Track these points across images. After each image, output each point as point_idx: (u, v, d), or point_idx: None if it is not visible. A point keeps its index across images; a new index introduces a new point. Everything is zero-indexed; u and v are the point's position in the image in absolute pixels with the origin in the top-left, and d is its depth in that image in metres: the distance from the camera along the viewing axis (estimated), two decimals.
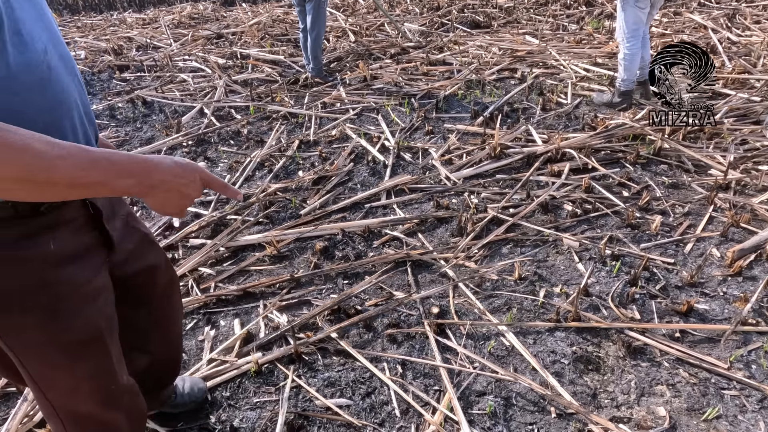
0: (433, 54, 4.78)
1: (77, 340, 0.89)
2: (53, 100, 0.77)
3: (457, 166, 2.84)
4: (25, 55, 0.71)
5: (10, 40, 0.68)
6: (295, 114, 3.60)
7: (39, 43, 0.74)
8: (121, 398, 1.00)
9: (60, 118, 0.78)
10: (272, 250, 2.17)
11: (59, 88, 0.78)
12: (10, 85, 0.69)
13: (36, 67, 0.73)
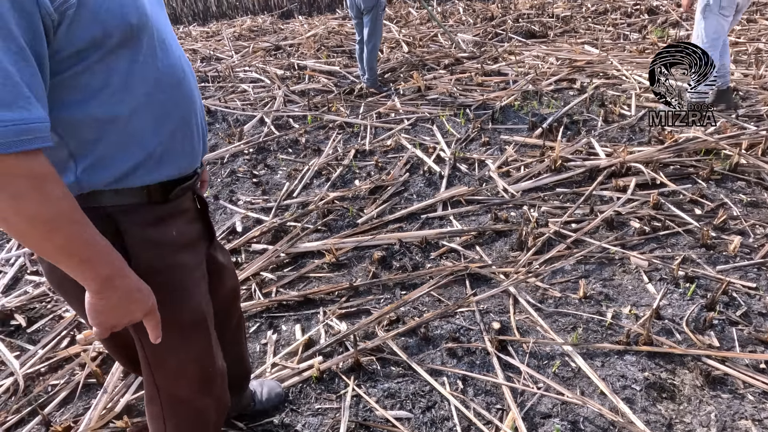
0: (488, 64, 4.74)
1: (190, 321, 0.95)
2: (187, 98, 0.87)
3: (515, 178, 2.79)
4: (170, 59, 0.82)
5: (159, 47, 0.80)
6: (350, 123, 3.66)
7: (176, 49, 0.85)
8: (215, 381, 1.05)
9: (190, 113, 0.88)
10: (331, 258, 2.20)
11: (189, 88, 0.88)
12: (160, 84, 0.80)
13: (176, 69, 0.84)
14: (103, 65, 0.73)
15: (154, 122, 0.82)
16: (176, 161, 0.88)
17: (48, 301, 2.06)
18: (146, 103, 0.80)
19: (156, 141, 0.83)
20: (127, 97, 0.77)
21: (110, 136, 0.78)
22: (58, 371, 1.72)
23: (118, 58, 0.74)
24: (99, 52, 0.72)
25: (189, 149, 0.90)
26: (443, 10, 7.32)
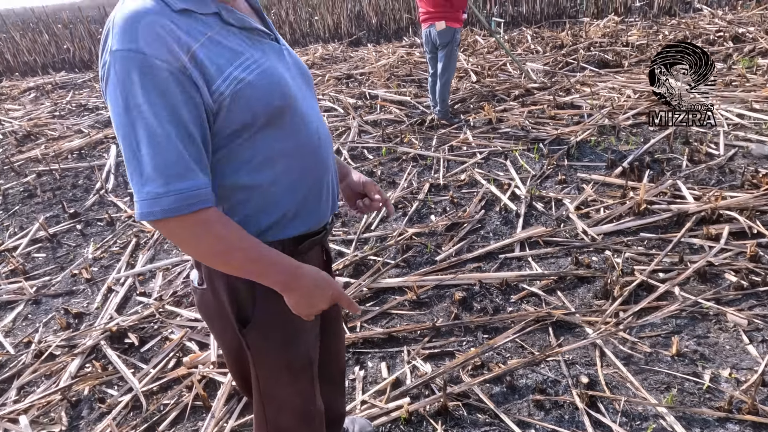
0: (560, 96, 4.70)
1: (299, 364, 1.05)
2: (320, 163, 0.97)
3: (594, 220, 2.74)
4: (308, 129, 0.93)
5: (299, 121, 0.90)
6: (424, 156, 3.75)
7: (315, 118, 0.95)
8: (314, 419, 1.13)
9: (322, 176, 0.98)
10: (412, 296, 2.27)
11: (323, 153, 0.98)
12: (297, 154, 0.91)
13: (312, 138, 0.94)
14: (251, 142, 0.85)
15: (291, 187, 0.92)
16: (307, 220, 0.98)
17: (155, 322, 2.27)
18: (285, 172, 0.90)
19: (291, 203, 0.93)
20: (270, 168, 0.88)
21: (254, 199, 0.89)
22: (168, 391, 1.89)
23: (264, 135, 0.86)
24: (249, 132, 0.84)
25: (319, 208, 1.00)
26: (511, 37, 7.33)
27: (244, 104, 0.80)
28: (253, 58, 0.83)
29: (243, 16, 0.85)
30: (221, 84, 0.78)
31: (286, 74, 0.89)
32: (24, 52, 10.51)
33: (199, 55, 0.76)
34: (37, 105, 6.64)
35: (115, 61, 0.72)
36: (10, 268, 2.85)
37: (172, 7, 0.76)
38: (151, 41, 0.71)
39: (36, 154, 4.60)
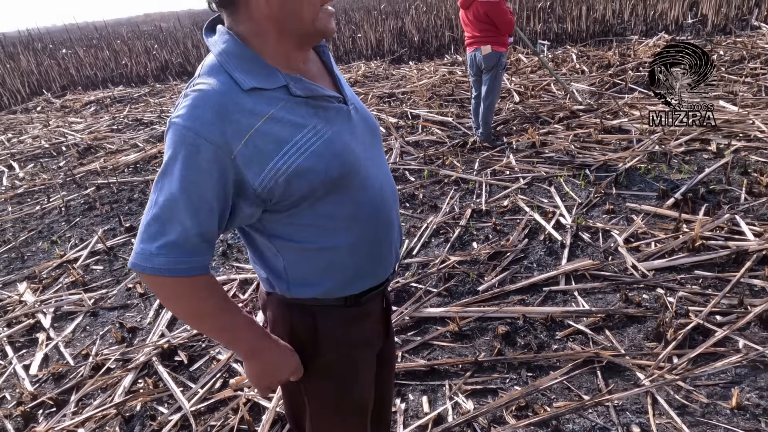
0: (607, 119, 4.59)
1: (353, 410, 1.06)
2: (382, 223, 0.97)
3: (645, 254, 2.64)
4: (370, 192, 0.93)
5: (360, 185, 0.91)
6: (466, 180, 3.74)
7: (377, 182, 0.95)
8: None
9: (384, 235, 0.99)
10: (454, 327, 2.25)
11: (386, 213, 0.98)
12: (358, 217, 0.92)
13: (375, 200, 0.94)
14: (310, 209, 0.87)
15: (351, 250, 0.93)
16: (369, 278, 0.99)
17: (203, 341, 2.35)
18: (345, 235, 0.91)
19: (352, 265, 0.94)
20: (330, 232, 0.90)
21: (315, 262, 0.91)
22: (215, 413, 1.95)
23: (324, 202, 0.87)
24: (308, 201, 0.86)
25: (381, 266, 1.01)
26: (555, 56, 7.23)
27: (302, 179, 0.82)
28: (315, 129, 0.84)
29: (310, 85, 0.86)
30: (279, 161, 0.80)
31: (350, 139, 0.89)
32: (86, 67, 11.23)
33: (257, 135, 0.78)
34: (97, 118, 7.06)
35: (172, 129, 0.77)
36: (71, 280, 3.03)
37: (242, 86, 0.78)
38: (209, 124, 0.75)
39: (96, 167, 4.89)
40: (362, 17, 12.90)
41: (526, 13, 10.17)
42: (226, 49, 0.81)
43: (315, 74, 0.91)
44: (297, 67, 0.87)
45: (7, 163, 5.46)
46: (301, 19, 0.80)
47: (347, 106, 0.92)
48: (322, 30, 0.83)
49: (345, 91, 0.94)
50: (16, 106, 9.22)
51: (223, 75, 0.79)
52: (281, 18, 0.80)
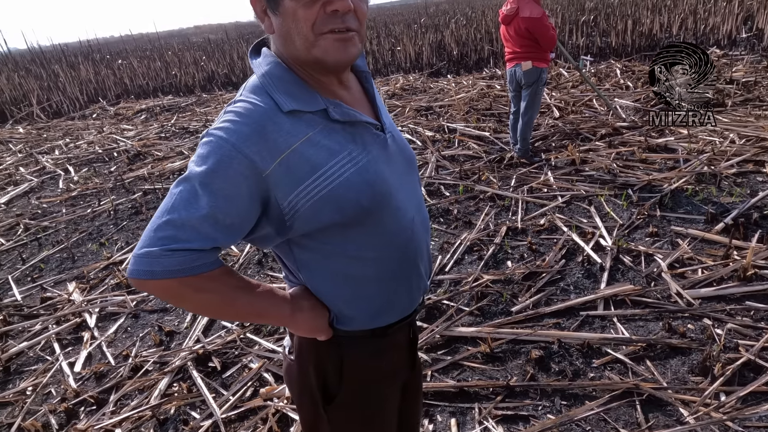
0: (652, 137, 4.42)
1: None
2: (412, 255, 0.95)
3: (691, 281, 2.51)
4: (401, 222, 0.91)
5: (392, 215, 0.89)
6: (502, 196, 3.68)
7: (409, 213, 0.93)
8: None
9: (414, 266, 0.97)
10: (486, 348, 2.21)
11: (417, 244, 0.96)
12: (388, 248, 0.90)
13: (405, 230, 0.92)
14: (340, 238, 0.86)
15: (379, 282, 0.92)
16: (396, 310, 0.97)
17: (236, 348, 2.40)
18: (374, 266, 0.90)
19: (380, 296, 0.93)
20: (359, 262, 0.88)
21: (343, 292, 0.90)
22: (244, 421, 1.98)
23: (354, 230, 0.86)
24: (337, 229, 0.84)
25: (409, 298, 0.99)
26: (598, 71, 7.06)
27: (332, 205, 0.81)
28: (350, 156, 0.82)
29: (349, 110, 0.85)
30: (311, 184, 0.79)
31: (384, 168, 0.88)
32: (139, 76, 11.86)
33: (291, 158, 0.77)
34: (146, 126, 7.43)
35: (208, 138, 0.76)
36: (116, 281, 3.17)
37: (282, 107, 0.78)
38: (246, 138, 0.74)
39: (143, 172, 5.13)
40: (402, 30, 13.04)
41: (568, 27, 10.00)
42: (270, 71, 0.82)
43: (354, 100, 0.90)
44: (331, 89, 0.86)
45: (63, 167, 5.81)
46: (295, 46, 0.79)
47: (384, 134, 0.91)
48: (321, 59, 0.79)
49: (383, 118, 0.94)
50: (74, 113, 9.82)
51: (264, 96, 0.79)
52: (284, 44, 0.81)
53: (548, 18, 3.83)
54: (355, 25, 0.79)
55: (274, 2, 0.78)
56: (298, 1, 0.75)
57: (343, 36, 0.78)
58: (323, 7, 0.76)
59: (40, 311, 2.98)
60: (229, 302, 0.82)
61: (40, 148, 6.92)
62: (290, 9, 0.76)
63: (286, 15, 0.77)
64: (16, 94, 11.09)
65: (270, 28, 0.81)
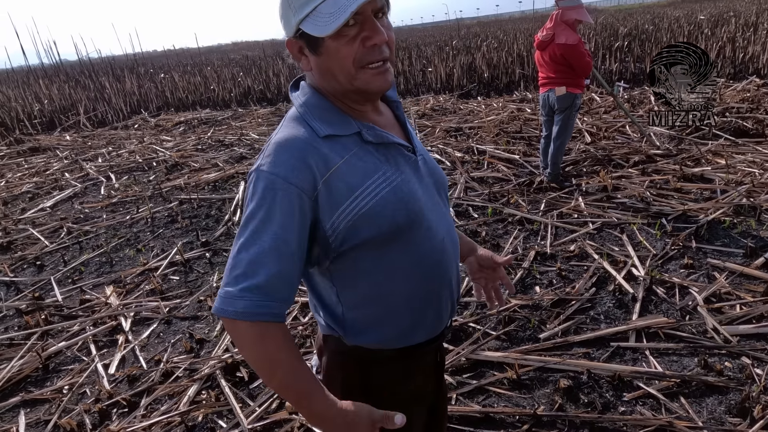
0: (688, 166, 4.33)
1: None
2: (441, 275, 0.97)
3: (729, 317, 2.43)
4: (432, 242, 0.93)
5: (424, 235, 0.92)
6: (530, 220, 3.66)
7: (439, 234, 0.95)
8: None
9: (443, 288, 0.98)
10: (512, 374, 2.18)
11: (446, 266, 0.98)
12: (418, 267, 0.92)
13: (436, 251, 0.94)
14: (373, 255, 0.88)
15: (409, 300, 0.93)
16: (425, 329, 0.98)
17: None
18: (404, 285, 0.92)
19: (409, 316, 0.94)
20: (390, 280, 0.91)
21: (372, 309, 0.92)
22: None
23: (387, 249, 0.89)
24: (371, 246, 0.87)
25: (438, 319, 1.00)
26: (632, 97, 6.98)
27: (369, 222, 0.84)
28: (385, 176, 0.86)
29: (382, 133, 0.89)
30: (349, 204, 0.83)
31: (417, 188, 0.91)
32: (180, 90, 12.35)
33: (332, 180, 0.82)
34: (184, 138, 7.72)
35: (259, 177, 0.81)
36: (151, 287, 3.28)
37: (318, 133, 0.84)
38: (291, 168, 0.80)
39: (180, 182, 5.32)
40: (434, 52, 13.23)
41: (602, 52, 9.95)
42: (306, 101, 0.88)
43: (386, 125, 0.95)
44: (366, 116, 0.91)
45: (106, 174, 6.08)
46: (337, 81, 0.85)
47: (416, 156, 0.95)
48: (363, 89, 0.85)
49: (415, 142, 0.98)
50: (117, 123, 10.29)
51: (302, 124, 0.85)
52: (323, 79, 0.87)
53: (584, 45, 3.84)
54: (388, 54, 0.85)
55: (314, 44, 0.83)
56: (339, 40, 0.80)
57: (381, 68, 0.84)
58: (362, 42, 0.81)
59: (79, 312, 3.11)
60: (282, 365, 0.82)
61: (85, 155, 7.27)
62: (332, 48, 0.81)
63: (328, 54, 0.82)
64: (65, 103, 11.73)
65: (307, 66, 0.87)
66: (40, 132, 9.94)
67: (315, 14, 0.79)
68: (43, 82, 14.84)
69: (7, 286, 3.56)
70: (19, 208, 5.21)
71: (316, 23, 0.79)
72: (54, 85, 14.01)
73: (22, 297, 3.37)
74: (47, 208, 5.10)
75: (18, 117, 10.49)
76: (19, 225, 4.68)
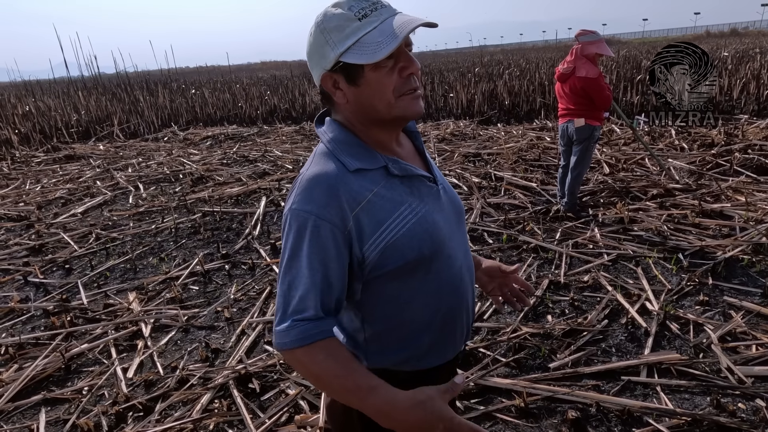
0: (707, 202, 4.30)
1: None
2: (459, 301, 1.02)
3: (744, 357, 2.40)
4: (452, 270, 0.98)
5: (444, 263, 0.96)
6: (545, 249, 3.68)
7: (458, 261, 1.00)
8: None
9: (460, 314, 1.03)
10: (520, 402, 2.19)
11: (463, 292, 1.03)
12: (438, 294, 0.97)
13: (455, 278, 0.99)
14: (397, 281, 0.92)
15: (428, 325, 0.98)
16: (442, 354, 1.03)
17: (276, 373, 2.51)
18: (425, 310, 0.97)
19: (427, 339, 0.99)
20: (411, 306, 0.94)
21: (393, 333, 0.97)
22: None
23: (410, 277, 0.93)
24: (396, 274, 0.92)
25: (454, 343, 1.05)
26: (652, 130, 6.98)
27: (396, 253, 0.89)
28: (411, 207, 0.91)
29: (406, 166, 0.94)
30: (378, 236, 0.87)
31: (440, 218, 0.96)
32: (209, 106, 12.79)
33: (362, 213, 0.86)
34: (211, 152, 7.97)
35: (293, 216, 0.86)
36: (171, 296, 3.39)
37: (348, 168, 0.87)
38: (325, 204, 0.84)
39: (204, 195, 5.50)
40: (456, 78, 13.44)
41: (623, 84, 9.99)
42: (334, 137, 0.92)
43: (407, 156, 1.00)
44: (390, 148, 0.95)
45: (134, 184, 6.32)
46: (376, 110, 0.89)
47: (437, 186, 0.99)
48: (401, 116, 0.89)
49: (435, 172, 1.04)
50: (148, 135, 10.70)
51: (332, 159, 0.89)
52: (358, 109, 0.90)
53: (604, 78, 3.91)
54: (418, 83, 0.92)
55: (353, 76, 0.86)
56: (379, 72, 0.85)
57: (415, 95, 0.90)
58: (399, 72, 0.87)
59: (102, 316, 3.23)
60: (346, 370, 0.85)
61: (116, 164, 7.57)
62: (373, 79, 0.86)
63: (368, 84, 0.87)
64: (101, 114, 12.27)
65: (342, 99, 0.90)
66: (76, 141, 10.40)
67: (359, 45, 0.83)
68: (82, 93, 15.55)
69: (37, 287, 3.72)
70: (52, 212, 5.45)
71: (363, 52, 0.83)
72: (92, 96, 14.66)
73: (50, 298, 3.52)
74: (78, 214, 5.33)
75: (56, 126, 11.01)
76: (51, 229, 4.90)
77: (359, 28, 0.83)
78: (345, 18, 0.84)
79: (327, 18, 0.86)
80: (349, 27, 0.84)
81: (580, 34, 3.91)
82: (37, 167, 7.89)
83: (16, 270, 3.98)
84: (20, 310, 3.37)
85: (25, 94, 17.39)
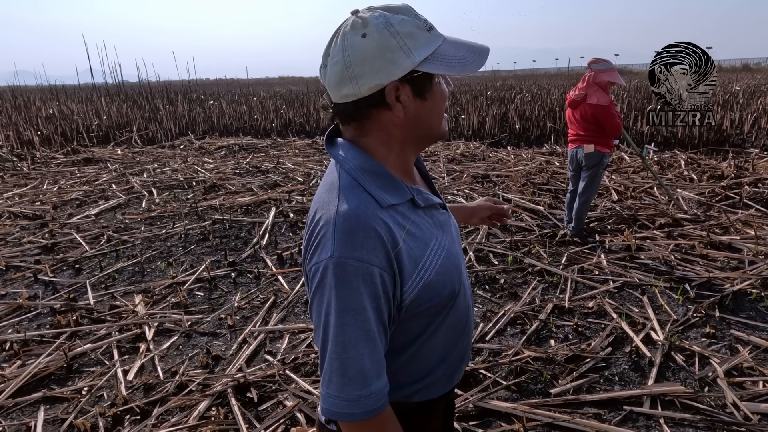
0: (716, 233, 4.27)
1: None
2: (466, 334, 1.01)
3: (750, 393, 2.36)
4: (466, 299, 0.98)
5: (463, 293, 0.95)
6: (551, 272, 3.67)
7: (468, 288, 1.00)
8: None
9: (466, 346, 1.02)
10: (520, 427, 2.17)
11: (470, 318, 1.02)
12: (453, 328, 0.95)
13: (468, 310, 0.99)
14: (426, 318, 0.88)
15: (443, 356, 0.94)
16: (448, 383, 1.01)
17: (275, 383, 2.51)
18: (445, 344, 0.93)
19: (440, 370, 0.96)
20: (433, 340, 0.91)
21: (412, 367, 0.94)
22: None
23: (438, 312, 0.89)
24: (427, 311, 0.87)
25: (459, 371, 1.03)
26: (661, 160, 6.97)
27: (432, 291, 0.84)
28: (438, 241, 0.86)
29: (427, 195, 0.89)
30: (416, 276, 0.81)
31: (456, 248, 0.93)
32: (225, 117, 13.03)
33: (401, 253, 0.78)
34: (225, 161, 8.10)
35: (336, 266, 0.74)
36: (177, 300, 3.42)
37: (381, 204, 0.79)
38: (371, 248, 0.74)
39: (215, 203, 5.57)
40: (468, 100, 13.58)
41: (633, 114, 10.02)
42: (359, 165, 0.82)
43: (419, 181, 0.96)
44: (410, 172, 0.91)
45: (148, 189, 6.42)
46: (430, 125, 0.85)
47: (447, 212, 0.96)
48: (443, 133, 0.89)
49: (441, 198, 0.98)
50: (165, 142, 10.89)
51: (362, 193, 0.79)
52: (413, 125, 0.83)
53: (615, 106, 3.94)
54: None
55: (422, 89, 0.80)
56: (449, 85, 0.86)
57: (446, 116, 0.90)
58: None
59: (108, 317, 3.26)
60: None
61: (132, 169, 7.71)
62: (439, 93, 0.83)
63: (434, 99, 0.83)
64: (121, 120, 12.56)
65: (401, 112, 0.80)
66: (95, 144, 10.62)
67: (437, 56, 0.78)
68: (105, 99, 15.95)
69: (46, 285, 3.78)
70: (67, 213, 5.55)
71: (448, 63, 0.78)
72: (114, 103, 15.03)
73: (57, 297, 3.56)
74: (92, 215, 5.42)
75: (77, 129, 11.27)
76: (64, 229, 4.98)
77: (431, 39, 0.78)
78: (416, 26, 0.78)
79: (398, 22, 0.76)
80: (421, 36, 0.77)
81: (593, 62, 3.96)
82: (56, 168, 8.06)
83: (27, 267, 4.05)
84: (28, 306, 3.41)
85: (50, 98, 17.86)
